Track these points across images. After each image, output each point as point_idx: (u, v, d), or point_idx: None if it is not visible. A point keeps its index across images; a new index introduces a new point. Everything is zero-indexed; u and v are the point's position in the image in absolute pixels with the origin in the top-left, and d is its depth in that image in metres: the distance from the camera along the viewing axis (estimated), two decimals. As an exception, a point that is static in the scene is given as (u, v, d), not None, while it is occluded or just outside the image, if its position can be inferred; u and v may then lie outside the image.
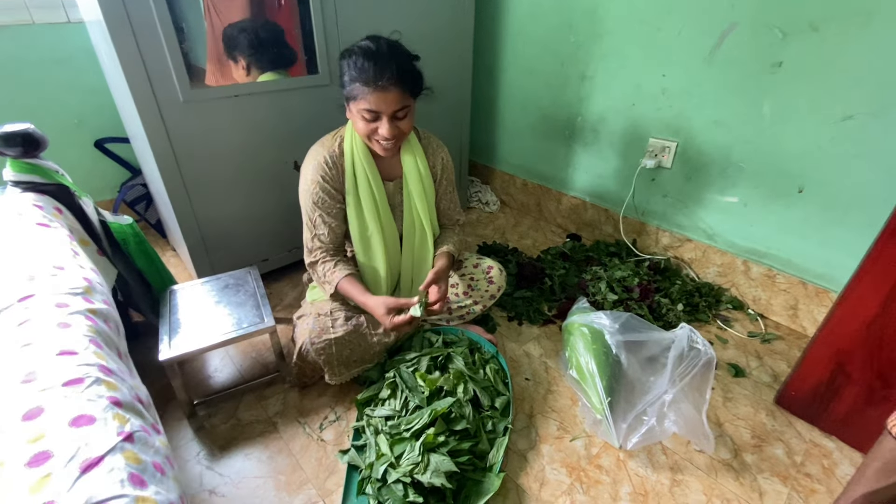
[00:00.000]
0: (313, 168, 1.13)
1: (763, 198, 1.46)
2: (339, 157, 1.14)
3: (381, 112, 1.01)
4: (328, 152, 1.13)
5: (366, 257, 1.22)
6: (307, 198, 1.14)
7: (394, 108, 1.01)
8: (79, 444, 0.54)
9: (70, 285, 0.82)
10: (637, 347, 1.20)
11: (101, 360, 0.69)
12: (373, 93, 0.98)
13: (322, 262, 1.18)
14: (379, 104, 1.00)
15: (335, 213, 1.16)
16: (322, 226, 1.15)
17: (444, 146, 1.27)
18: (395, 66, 0.98)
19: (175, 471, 0.63)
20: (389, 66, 0.97)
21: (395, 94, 0.99)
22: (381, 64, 0.97)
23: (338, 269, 1.16)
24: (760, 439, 1.14)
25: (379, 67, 0.97)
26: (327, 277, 1.17)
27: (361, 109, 1.01)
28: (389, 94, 0.99)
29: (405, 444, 0.99)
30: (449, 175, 1.28)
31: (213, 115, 1.31)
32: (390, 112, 1.01)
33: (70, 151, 1.81)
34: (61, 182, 1.12)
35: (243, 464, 1.06)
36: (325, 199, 1.13)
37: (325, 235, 1.16)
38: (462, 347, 1.24)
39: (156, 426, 0.69)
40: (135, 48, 1.13)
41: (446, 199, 1.30)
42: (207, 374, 1.31)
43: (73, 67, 1.73)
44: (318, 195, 1.13)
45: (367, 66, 0.97)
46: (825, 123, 1.27)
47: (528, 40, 1.92)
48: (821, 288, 1.41)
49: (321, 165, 1.12)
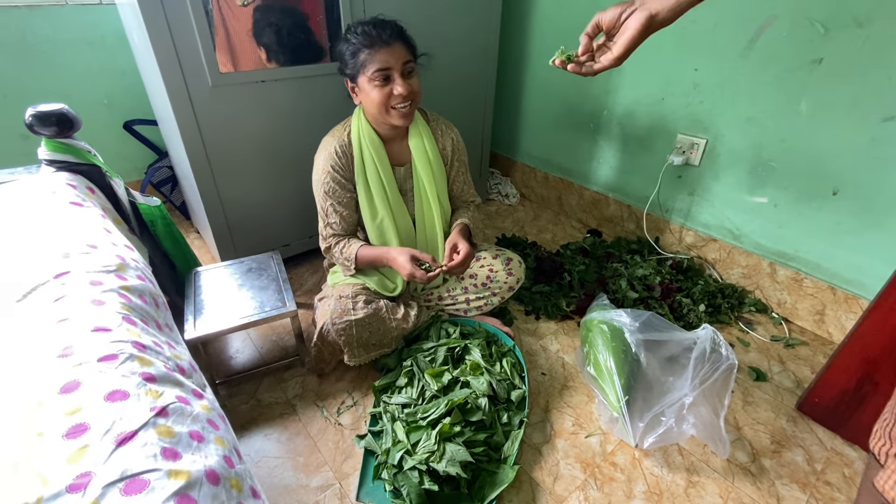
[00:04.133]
0: (324, 158, 1.16)
1: (794, 199, 1.41)
2: (347, 147, 1.17)
3: (391, 68, 1.04)
4: (338, 142, 1.16)
5: (380, 242, 1.25)
6: (319, 188, 1.18)
7: (403, 61, 1.05)
8: (114, 418, 0.56)
9: (103, 263, 0.84)
10: (657, 347, 1.18)
11: (135, 337, 0.71)
12: (380, 50, 1.03)
13: (336, 244, 1.22)
14: (388, 59, 1.04)
15: (346, 201, 1.19)
16: (334, 214, 1.19)
17: (453, 127, 1.28)
18: (392, 24, 1.07)
19: (220, 430, 0.65)
20: (388, 24, 1.06)
21: (401, 49, 1.05)
22: (379, 24, 1.05)
23: (352, 242, 1.21)
24: (780, 445, 1.12)
25: (379, 27, 1.04)
26: (345, 254, 1.21)
27: (372, 73, 1.04)
28: (395, 48, 1.04)
29: (421, 432, 1.00)
30: (460, 156, 1.29)
31: (240, 100, 1.32)
32: (400, 66, 1.05)
33: (99, 132, 1.85)
34: (94, 162, 1.14)
35: (263, 443, 1.09)
36: (336, 189, 1.17)
37: (336, 224, 1.20)
38: (479, 339, 1.24)
39: (197, 392, 0.70)
40: (167, 32, 1.14)
41: (459, 181, 1.31)
42: (229, 356, 1.33)
43: (103, 49, 1.76)
44: (329, 185, 1.16)
45: (367, 30, 1.04)
46: (865, 124, 1.22)
47: (555, 29, 1.88)
48: (850, 294, 1.37)
49: (331, 155, 1.15)
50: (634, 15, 0.63)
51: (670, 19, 0.63)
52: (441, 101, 1.76)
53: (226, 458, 0.59)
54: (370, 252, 1.20)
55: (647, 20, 0.63)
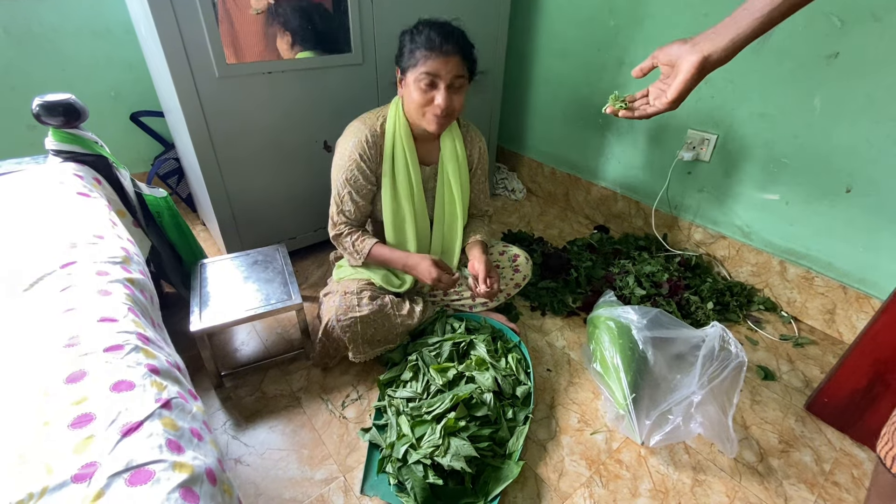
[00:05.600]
0: (353, 145, 1.13)
1: (806, 196, 1.39)
2: (379, 137, 1.14)
3: (440, 77, 1.03)
4: (370, 131, 1.13)
5: (397, 240, 1.23)
6: (340, 173, 1.14)
7: (453, 74, 1.03)
8: (119, 409, 0.55)
9: (109, 254, 0.84)
10: (665, 344, 1.17)
11: (140, 329, 0.71)
12: (436, 57, 1.01)
13: (348, 233, 1.20)
14: (439, 67, 1.02)
15: (365, 193, 1.17)
16: (349, 202, 1.17)
17: (482, 136, 1.28)
18: (458, 37, 1.04)
19: (211, 436, 0.65)
20: (454, 36, 1.03)
21: (456, 62, 1.03)
22: (446, 32, 1.03)
23: (367, 239, 1.19)
24: (788, 444, 1.11)
25: (444, 35, 1.02)
26: (356, 247, 1.19)
27: (421, 74, 1.03)
28: (451, 59, 1.02)
29: (426, 426, 0.99)
30: (483, 165, 1.29)
31: (247, 92, 1.31)
32: (449, 78, 1.03)
33: (106, 123, 1.85)
34: (101, 153, 1.14)
35: (268, 436, 1.09)
36: (359, 178, 1.14)
37: (350, 212, 1.18)
38: (485, 335, 1.23)
39: (192, 392, 0.71)
40: (174, 22, 1.13)
41: (477, 189, 1.31)
42: (234, 348, 1.34)
43: (110, 40, 1.76)
44: (353, 173, 1.13)
45: (433, 34, 1.02)
46: (881, 120, 1.20)
47: (564, 23, 1.86)
48: (862, 293, 1.35)
49: (361, 143, 1.12)
50: (686, 58, 0.60)
51: (725, 59, 0.59)
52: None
53: (219, 461, 0.59)
54: (386, 253, 1.18)
55: (701, 62, 0.59)
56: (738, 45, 0.58)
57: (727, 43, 0.58)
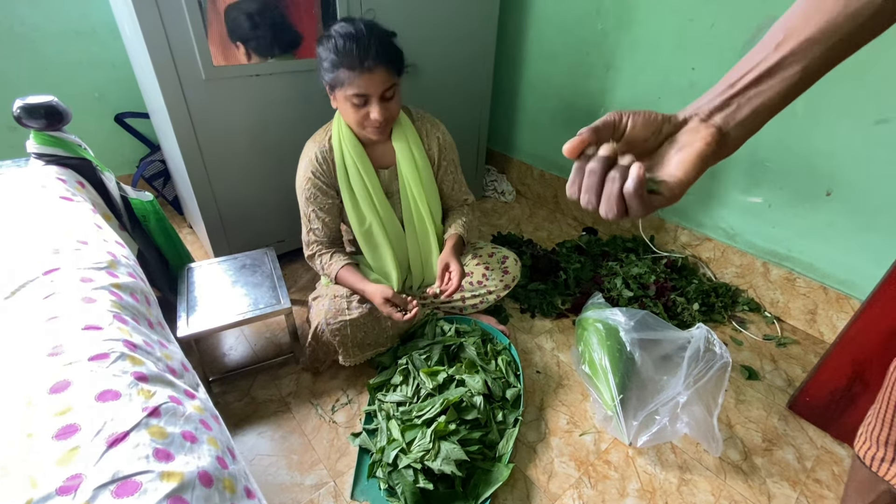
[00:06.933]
0: (306, 165, 1.14)
1: (788, 199, 1.42)
2: (328, 152, 1.14)
3: (369, 94, 1.00)
4: (319, 148, 1.14)
5: (370, 248, 1.23)
6: (301, 194, 1.16)
7: (382, 89, 1.00)
8: (105, 419, 0.55)
9: (94, 260, 0.83)
10: (652, 346, 1.19)
11: (126, 336, 0.70)
12: (359, 76, 0.97)
13: (318, 255, 1.20)
14: (367, 86, 0.99)
15: (328, 208, 1.17)
16: (316, 220, 1.17)
17: (439, 124, 1.24)
18: (377, 45, 0.97)
19: (213, 431, 0.64)
20: (372, 46, 0.96)
21: (382, 74, 0.99)
22: (363, 44, 0.96)
23: (334, 261, 1.19)
24: (771, 443, 1.13)
25: (362, 48, 0.95)
26: (325, 270, 1.19)
27: (349, 95, 1.00)
28: (376, 74, 0.98)
29: (416, 430, 1.00)
30: (448, 154, 1.25)
31: (234, 94, 1.30)
32: (379, 93, 1.00)
33: (90, 125, 1.82)
34: (84, 156, 1.12)
35: (257, 441, 1.08)
36: (318, 195, 1.15)
37: (319, 230, 1.19)
38: (475, 337, 1.24)
39: (189, 392, 0.70)
40: (159, 23, 1.12)
41: (449, 180, 1.28)
42: (222, 352, 1.32)
43: (94, 40, 1.73)
44: (311, 191, 1.15)
45: (349, 48, 0.95)
46: (859, 125, 1.23)
47: (553, 26, 1.87)
48: (842, 294, 1.39)
49: (312, 161, 1.13)
50: (696, 130, 0.39)
51: (742, 138, 0.40)
52: (437, 97, 1.75)
53: (219, 458, 0.58)
54: (349, 278, 1.16)
55: (718, 137, 0.39)
56: (763, 116, 0.39)
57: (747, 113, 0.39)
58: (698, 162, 0.39)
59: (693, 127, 0.40)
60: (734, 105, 0.39)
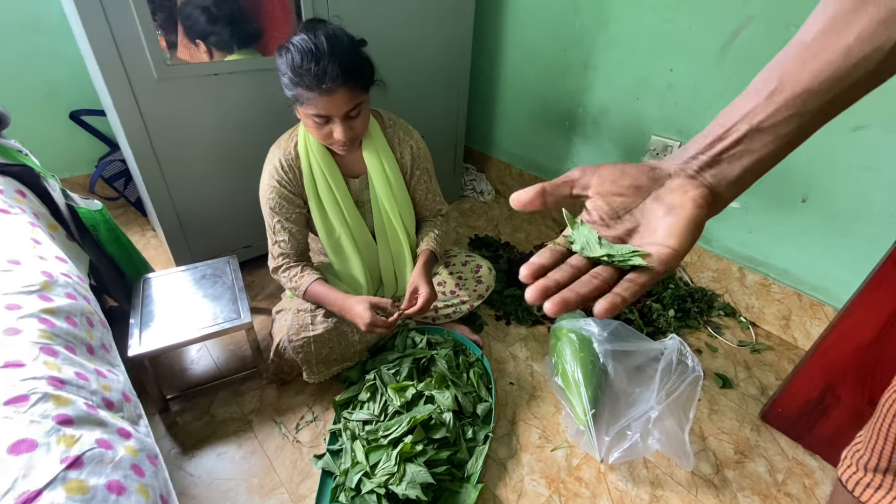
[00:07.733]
0: (269, 173, 1.07)
1: (765, 205, 1.41)
2: (294, 160, 1.07)
3: (331, 114, 0.93)
4: (283, 155, 1.06)
5: (339, 260, 1.17)
6: (265, 204, 1.09)
7: (345, 110, 0.93)
8: (16, 475, 0.50)
9: (24, 283, 0.76)
10: (625, 357, 1.17)
11: (53, 371, 0.64)
12: (319, 97, 0.89)
13: (286, 267, 1.12)
14: (328, 108, 0.91)
15: (294, 217, 1.10)
16: (282, 232, 1.10)
17: (413, 132, 1.17)
18: (338, 64, 0.87)
19: (147, 477, 0.60)
20: (332, 66, 0.87)
21: (344, 95, 0.91)
22: (322, 64, 0.86)
23: (306, 274, 1.11)
24: (743, 455, 1.12)
25: (321, 68, 0.86)
26: (294, 282, 1.12)
27: (310, 115, 0.93)
28: (337, 95, 0.90)
29: (381, 452, 0.96)
30: (422, 163, 1.18)
31: (191, 95, 1.22)
32: (342, 114, 0.93)
33: (42, 124, 1.71)
34: (25, 162, 1.04)
35: (216, 463, 1.03)
36: (283, 205, 1.08)
37: (285, 242, 1.11)
38: (446, 349, 1.20)
39: (124, 430, 0.65)
40: (102, 18, 1.03)
41: (422, 190, 1.22)
42: (182, 367, 1.27)
43: (43, 32, 1.62)
44: (276, 201, 1.07)
45: (307, 67, 0.87)
46: (836, 132, 1.21)
47: (531, 22, 1.82)
48: (815, 300, 1.38)
49: (276, 169, 1.06)
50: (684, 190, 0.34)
51: (734, 195, 0.36)
52: (413, 94, 1.69)
53: None
54: (322, 292, 1.09)
55: (710, 199, 0.34)
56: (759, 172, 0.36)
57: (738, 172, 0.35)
58: (692, 227, 0.34)
59: (680, 185, 0.35)
60: (724, 163, 0.35)
